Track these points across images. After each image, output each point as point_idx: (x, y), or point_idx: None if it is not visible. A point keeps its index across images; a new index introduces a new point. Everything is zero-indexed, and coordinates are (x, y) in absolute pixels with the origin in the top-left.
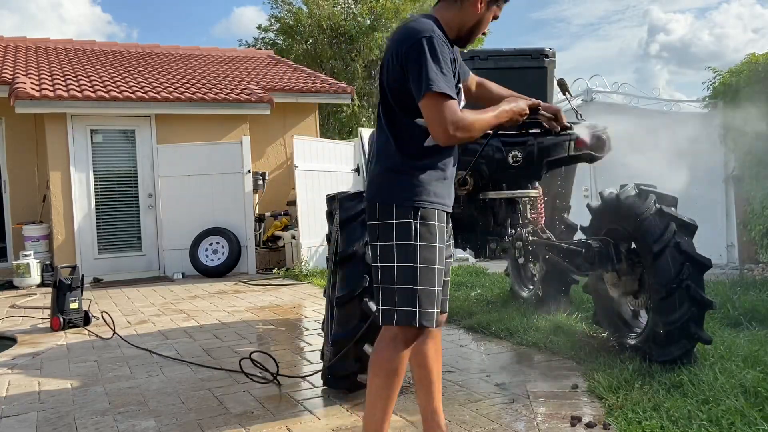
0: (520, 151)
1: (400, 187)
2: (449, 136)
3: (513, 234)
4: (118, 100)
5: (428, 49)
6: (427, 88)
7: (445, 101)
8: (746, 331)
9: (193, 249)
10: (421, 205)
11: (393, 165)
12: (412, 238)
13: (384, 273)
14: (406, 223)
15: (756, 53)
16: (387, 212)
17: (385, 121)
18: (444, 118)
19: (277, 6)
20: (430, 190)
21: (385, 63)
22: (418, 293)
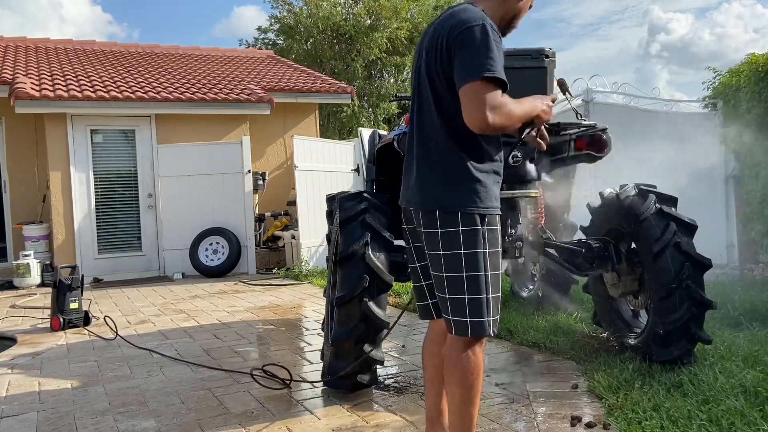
0: (520, 151)
1: (464, 192)
2: (486, 122)
3: (513, 234)
4: (118, 100)
5: (481, 35)
6: (478, 73)
7: (491, 85)
8: (746, 331)
9: (193, 249)
10: (488, 212)
11: (454, 167)
12: (480, 245)
13: (452, 282)
14: (473, 230)
15: (756, 53)
16: (451, 220)
17: (440, 120)
18: (483, 100)
19: (277, 6)
20: (492, 194)
21: (432, 56)
22: (491, 302)
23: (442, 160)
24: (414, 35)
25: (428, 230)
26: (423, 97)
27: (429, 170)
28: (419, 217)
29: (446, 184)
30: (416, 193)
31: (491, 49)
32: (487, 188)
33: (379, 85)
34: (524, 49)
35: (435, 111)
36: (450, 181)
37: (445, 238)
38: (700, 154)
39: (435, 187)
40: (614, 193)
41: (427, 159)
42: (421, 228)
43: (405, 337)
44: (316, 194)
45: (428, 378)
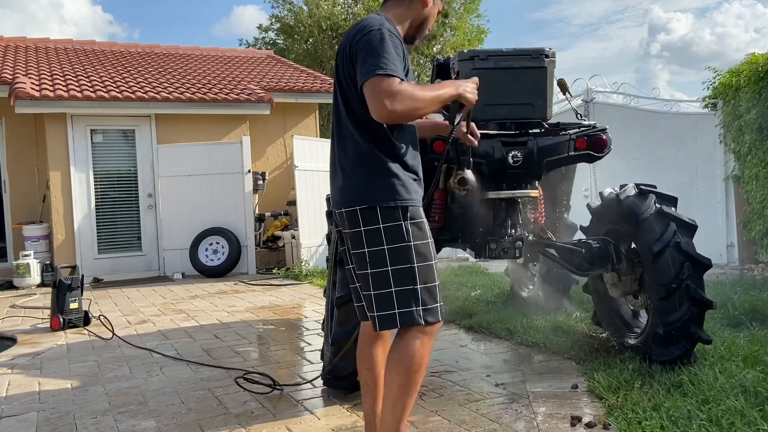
0: (520, 151)
1: (382, 187)
2: (386, 109)
3: (513, 234)
4: (118, 100)
5: (377, 38)
6: (373, 72)
7: (391, 79)
8: (746, 331)
9: (193, 249)
10: (408, 204)
11: (370, 165)
12: (405, 239)
13: (377, 278)
14: (396, 225)
15: (756, 53)
16: (372, 216)
17: (351, 123)
18: (379, 90)
19: (278, 6)
20: (410, 188)
21: (339, 63)
22: (420, 292)
23: (359, 160)
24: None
25: (352, 230)
26: (338, 105)
27: (349, 171)
28: (344, 218)
29: (365, 181)
30: (340, 194)
31: (386, 50)
32: (404, 182)
33: None
34: (524, 49)
35: (346, 115)
36: (368, 178)
37: (368, 235)
38: (700, 154)
39: (354, 186)
40: (614, 193)
41: (346, 162)
42: (346, 229)
43: None
44: (316, 194)
45: (363, 382)
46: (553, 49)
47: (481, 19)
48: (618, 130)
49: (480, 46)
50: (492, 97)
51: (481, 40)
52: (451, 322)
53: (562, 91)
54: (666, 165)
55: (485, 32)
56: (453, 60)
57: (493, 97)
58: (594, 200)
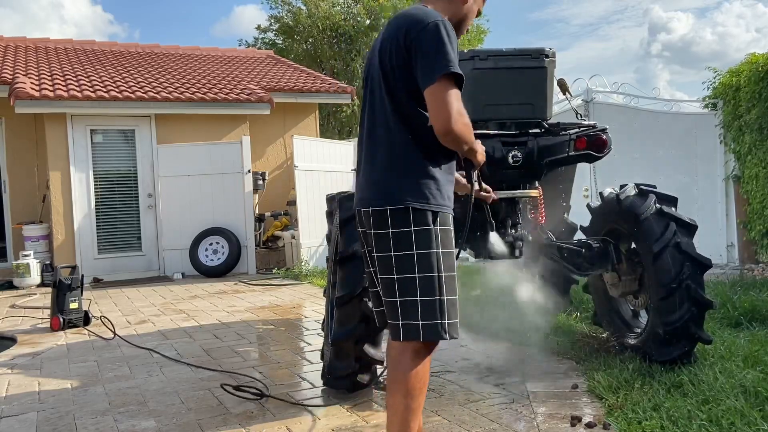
0: (520, 151)
1: (417, 188)
2: (449, 127)
3: (513, 234)
4: (118, 100)
5: (444, 32)
6: (445, 68)
7: (455, 88)
8: (746, 331)
9: (193, 249)
10: (441, 210)
11: (408, 164)
12: (434, 245)
13: (403, 284)
14: (426, 230)
15: (756, 53)
16: (402, 218)
17: (395, 116)
18: (452, 103)
19: (277, 6)
20: (445, 193)
21: (387, 52)
22: (445, 304)
23: (397, 157)
24: None
25: (379, 231)
26: (376, 97)
27: (383, 167)
28: (370, 218)
29: (399, 180)
30: (369, 192)
31: (453, 46)
32: (441, 186)
33: None
34: (524, 49)
35: (390, 109)
36: (403, 177)
37: (396, 238)
38: (700, 154)
39: (387, 184)
40: (614, 193)
41: (381, 157)
42: (371, 230)
43: None
44: (316, 194)
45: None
46: (553, 49)
47: (481, 19)
48: (618, 130)
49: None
50: (492, 97)
51: (481, 40)
52: None
53: (562, 91)
54: (666, 165)
55: (485, 32)
56: None
57: (493, 97)
58: (594, 200)
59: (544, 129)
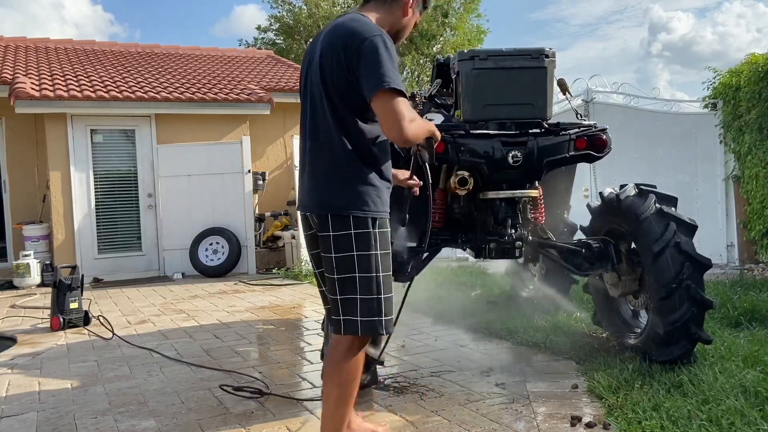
0: (520, 151)
1: (357, 195)
2: (403, 134)
3: (513, 234)
4: (118, 100)
5: (383, 46)
6: (385, 83)
7: (400, 97)
8: (746, 331)
9: (193, 249)
10: (379, 216)
11: (347, 172)
12: (373, 247)
13: (344, 283)
14: (365, 233)
15: (756, 53)
16: (343, 223)
17: (334, 124)
18: (401, 112)
19: (277, 6)
20: (384, 199)
21: (327, 62)
22: (382, 302)
23: (338, 166)
24: (414, 35)
25: (322, 234)
26: (317, 105)
27: (322, 174)
28: (314, 221)
29: (341, 188)
30: (311, 198)
31: (392, 60)
32: (380, 193)
33: None
34: (524, 49)
35: (332, 120)
36: (344, 184)
37: (337, 241)
38: (700, 154)
39: (328, 191)
40: (614, 193)
41: (323, 165)
42: (318, 232)
43: (405, 337)
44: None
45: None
46: (553, 49)
47: (481, 19)
48: (618, 130)
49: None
50: (492, 97)
51: (481, 40)
52: (451, 322)
53: (562, 91)
54: (666, 165)
55: (485, 32)
56: (453, 60)
57: (493, 97)
58: (594, 200)
59: (544, 129)
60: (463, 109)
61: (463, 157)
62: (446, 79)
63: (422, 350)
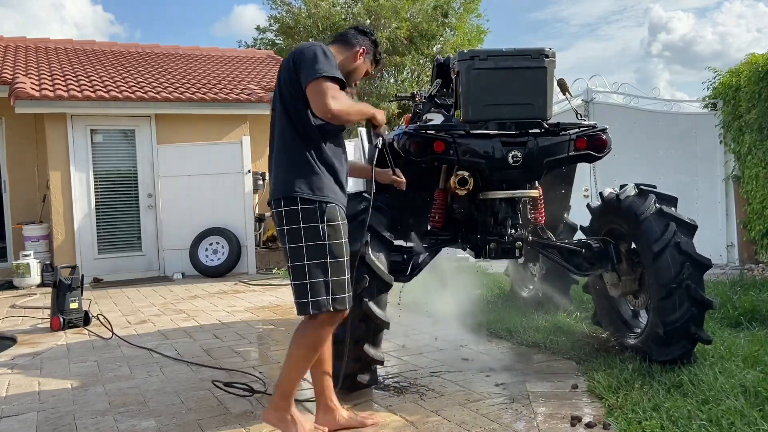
0: (520, 151)
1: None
2: (328, 107)
3: (513, 234)
4: (118, 100)
5: (321, 52)
6: (318, 73)
7: (329, 82)
8: (746, 331)
9: (193, 249)
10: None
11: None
12: (320, 238)
13: (296, 270)
14: (314, 226)
15: (756, 53)
16: (293, 215)
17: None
18: (325, 89)
19: (276, 6)
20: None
21: (282, 78)
22: (331, 284)
23: (290, 156)
24: (414, 35)
25: (279, 228)
26: (277, 111)
27: (279, 167)
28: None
29: (290, 174)
30: (271, 190)
31: (329, 61)
32: (325, 180)
33: (379, 85)
34: (524, 49)
35: (285, 118)
36: (293, 171)
37: (290, 233)
38: (700, 154)
39: (282, 179)
40: (614, 193)
41: (279, 159)
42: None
43: (405, 337)
44: None
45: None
46: (553, 49)
47: (481, 19)
48: (618, 130)
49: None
50: (492, 97)
51: (481, 40)
52: (451, 322)
53: (562, 91)
54: (666, 165)
55: (485, 32)
56: (453, 60)
57: (493, 97)
58: (594, 200)
59: (544, 129)
60: (463, 109)
61: (463, 157)
62: (446, 79)
63: (422, 350)
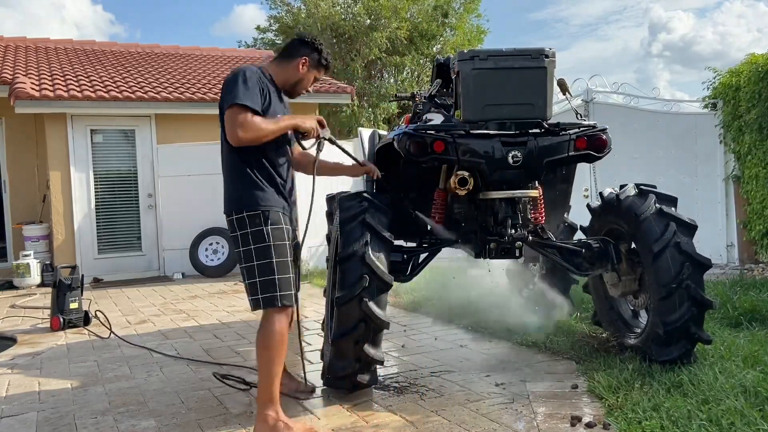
0: (520, 151)
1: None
2: (238, 137)
3: (513, 234)
4: (118, 100)
5: (240, 77)
6: (231, 101)
7: (241, 110)
8: (746, 331)
9: (193, 249)
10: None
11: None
12: (266, 240)
13: (247, 271)
14: (259, 230)
15: (756, 53)
16: (241, 222)
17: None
18: (234, 120)
19: (276, 6)
20: (271, 197)
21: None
22: (278, 281)
23: (231, 173)
24: (414, 35)
25: (231, 234)
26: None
27: (225, 181)
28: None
29: (236, 189)
30: (223, 204)
31: (245, 84)
32: (266, 191)
33: (379, 85)
34: (524, 49)
35: (223, 138)
36: (239, 189)
37: (241, 239)
38: (700, 154)
39: (230, 197)
40: (614, 193)
41: (225, 173)
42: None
43: (405, 337)
44: (316, 194)
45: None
46: (553, 49)
47: (481, 19)
48: (618, 130)
49: (480, 46)
50: (492, 97)
51: (481, 40)
52: (450, 322)
53: (562, 91)
54: (666, 165)
55: (485, 32)
56: (453, 60)
57: (493, 97)
58: (594, 200)
59: (544, 129)
60: (463, 109)
61: (463, 157)
62: (446, 79)
63: (422, 350)
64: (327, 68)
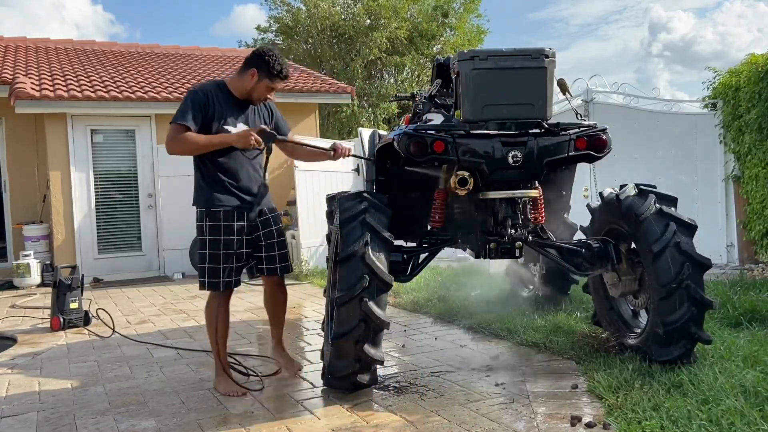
0: (520, 151)
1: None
2: (168, 149)
3: (513, 234)
4: (118, 100)
5: (185, 98)
6: (174, 119)
7: (175, 127)
8: (746, 331)
9: (193, 249)
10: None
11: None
12: (205, 233)
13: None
14: (202, 224)
15: (756, 53)
16: (197, 215)
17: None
18: (168, 134)
19: (276, 7)
20: (214, 197)
21: None
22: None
23: (196, 173)
24: (414, 35)
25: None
26: None
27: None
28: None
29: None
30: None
31: (185, 104)
32: (212, 192)
33: (379, 85)
34: (524, 49)
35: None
36: (196, 188)
37: (197, 228)
38: (700, 154)
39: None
40: (614, 193)
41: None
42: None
43: (405, 337)
44: (316, 194)
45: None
46: (553, 49)
47: (481, 19)
48: (618, 130)
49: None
50: (492, 97)
51: (481, 40)
52: (451, 322)
53: (562, 91)
54: (666, 165)
55: (485, 32)
56: (453, 60)
57: (493, 97)
58: (594, 200)
59: (544, 129)
60: (463, 109)
61: (463, 157)
62: (446, 79)
63: (422, 350)
64: (281, 77)
